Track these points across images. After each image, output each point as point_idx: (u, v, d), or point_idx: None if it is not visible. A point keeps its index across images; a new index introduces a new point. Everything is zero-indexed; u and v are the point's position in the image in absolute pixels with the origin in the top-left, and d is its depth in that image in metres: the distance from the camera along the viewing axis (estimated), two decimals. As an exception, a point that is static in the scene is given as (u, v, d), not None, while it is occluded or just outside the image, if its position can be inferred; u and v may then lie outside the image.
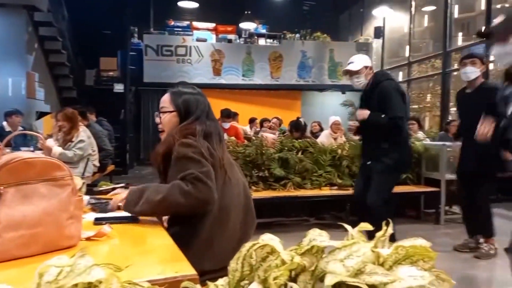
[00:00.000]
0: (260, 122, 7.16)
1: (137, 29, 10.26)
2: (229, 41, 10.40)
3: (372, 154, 3.18)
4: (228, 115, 5.71)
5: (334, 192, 4.27)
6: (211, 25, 10.77)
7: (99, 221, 1.40)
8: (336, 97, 10.53)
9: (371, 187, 3.11)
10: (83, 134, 4.11)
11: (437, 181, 4.46)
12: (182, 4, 10.70)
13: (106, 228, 1.23)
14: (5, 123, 5.41)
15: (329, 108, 9.84)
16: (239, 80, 10.25)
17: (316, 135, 6.26)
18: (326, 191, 4.28)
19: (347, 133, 6.10)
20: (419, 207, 4.73)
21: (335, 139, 5.44)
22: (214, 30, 10.72)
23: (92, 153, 4.42)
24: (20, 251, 1.03)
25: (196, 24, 10.79)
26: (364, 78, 3.17)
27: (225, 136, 2.34)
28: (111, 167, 5.74)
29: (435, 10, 11.18)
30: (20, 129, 5.13)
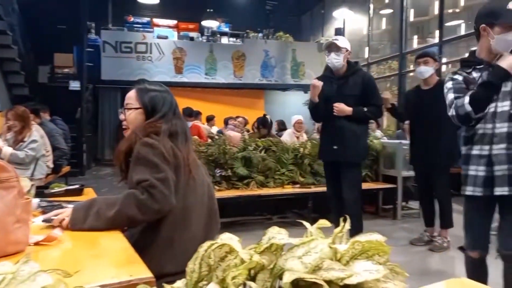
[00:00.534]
0: (225, 120, 7.12)
1: (94, 24, 9.88)
2: (191, 39, 10.28)
3: (339, 141, 3.12)
4: (190, 114, 5.63)
5: (296, 190, 4.33)
6: (172, 22, 10.59)
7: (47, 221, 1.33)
8: (299, 97, 10.70)
9: (345, 183, 3.14)
10: (35, 134, 3.90)
11: (394, 177, 4.64)
12: (142, 0, 10.43)
13: (56, 232, 1.16)
14: None
15: (292, 107, 9.97)
16: (201, 78, 10.15)
17: (278, 134, 6.32)
18: (288, 189, 4.33)
19: (309, 131, 6.22)
20: (377, 203, 4.90)
21: (297, 137, 5.51)
22: (176, 27, 10.55)
23: (46, 153, 4.20)
24: (-40, 258, 0.96)
25: (156, 21, 10.56)
26: (342, 59, 3.14)
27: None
28: (66, 168, 5.49)
29: (392, 13, 11.62)
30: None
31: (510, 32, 1.73)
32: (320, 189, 4.19)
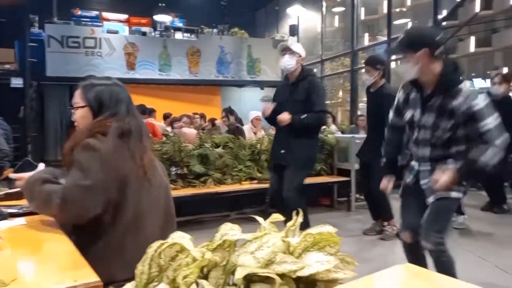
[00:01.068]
0: (171, 121, 6.98)
1: (37, 17, 9.29)
2: (144, 34, 9.95)
3: (286, 145, 3.22)
4: (143, 111, 5.46)
5: (254, 186, 4.35)
6: (123, 16, 10.19)
7: None
8: (255, 93, 10.73)
9: (286, 183, 3.18)
10: (-28, 134, 3.61)
11: (347, 171, 4.79)
12: (90, -7, 9.96)
13: (-6, 238, 1.08)
14: None
15: (248, 103, 9.98)
16: (155, 74, 9.87)
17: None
18: (246, 186, 4.34)
19: (265, 128, 6.27)
20: (332, 196, 5.04)
21: (255, 133, 5.53)
22: (127, 22, 10.16)
23: (-15, 155, 3.90)
24: None
25: (106, 14, 10.11)
26: (295, 63, 3.21)
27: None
28: (9, 171, 5.13)
29: (344, 11, 11.98)
30: None
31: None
32: (277, 184, 4.23)
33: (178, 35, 10.32)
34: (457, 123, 1.90)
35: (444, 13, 7.27)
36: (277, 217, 0.90)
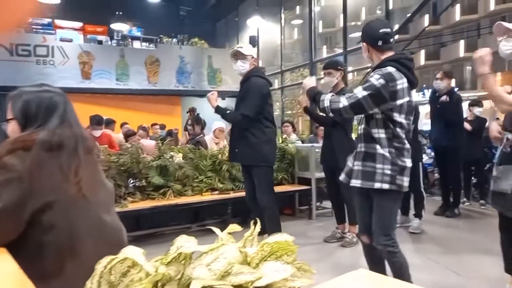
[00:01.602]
0: (125, 135, 6.79)
1: (-16, 23, 8.78)
2: (100, 42, 9.68)
3: (238, 144, 3.36)
4: (98, 122, 5.26)
5: (215, 197, 4.29)
6: (77, 24, 9.87)
7: None
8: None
9: (256, 184, 3.30)
10: None
11: (308, 179, 4.85)
12: (42, -1, 9.54)
13: None
14: None
15: (209, 114, 9.90)
16: (112, 84, 9.59)
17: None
18: (207, 197, 4.27)
19: (227, 137, 6.25)
20: (294, 204, 5.08)
21: (216, 143, 5.49)
22: (82, 30, 9.84)
23: None
24: None
25: (59, 22, 9.75)
26: (248, 66, 3.32)
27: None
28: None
29: (302, 23, 12.29)
30: None
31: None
32: (239, 194, 4.21)
33: (136, 44, 10.14)
34: None
35: (396, 27, 7.67)
36: (234, 227, 0.88)
